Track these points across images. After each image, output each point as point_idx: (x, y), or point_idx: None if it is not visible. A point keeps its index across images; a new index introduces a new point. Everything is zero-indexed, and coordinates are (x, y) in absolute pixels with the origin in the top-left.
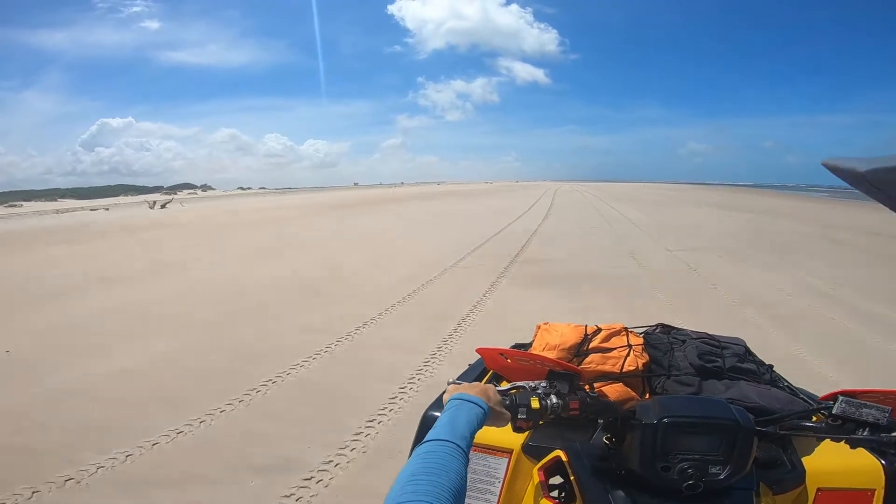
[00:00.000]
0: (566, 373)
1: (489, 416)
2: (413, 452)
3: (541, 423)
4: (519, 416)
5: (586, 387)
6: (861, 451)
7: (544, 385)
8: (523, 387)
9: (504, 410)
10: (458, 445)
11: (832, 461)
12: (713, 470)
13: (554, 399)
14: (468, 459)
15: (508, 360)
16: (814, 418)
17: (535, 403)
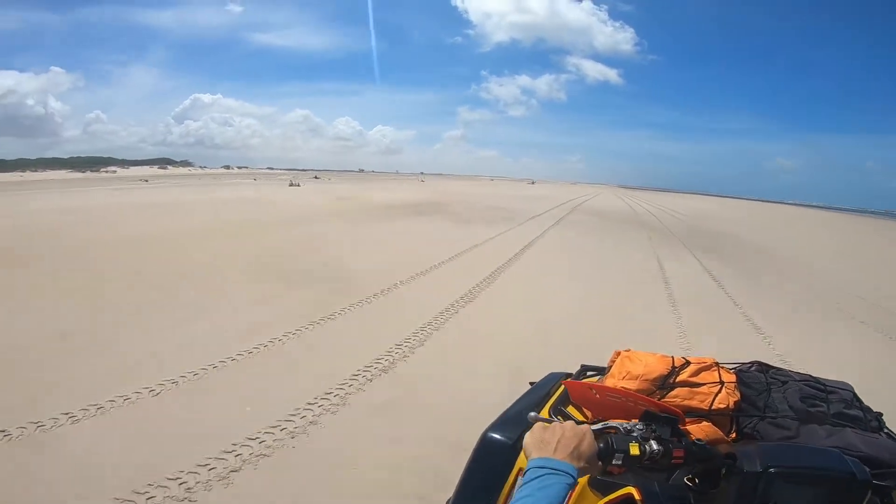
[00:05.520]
0: (666, 415)
1: (577, 479)
2: None
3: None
4: (614, 462)
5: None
6: None
7: (640, 427)
8: (616, 427)
9: (597, 461)
10: None
11: None
12: None
13: (654, 445)
14: None
15: (597, 395)
16: None
17: (634, 450)
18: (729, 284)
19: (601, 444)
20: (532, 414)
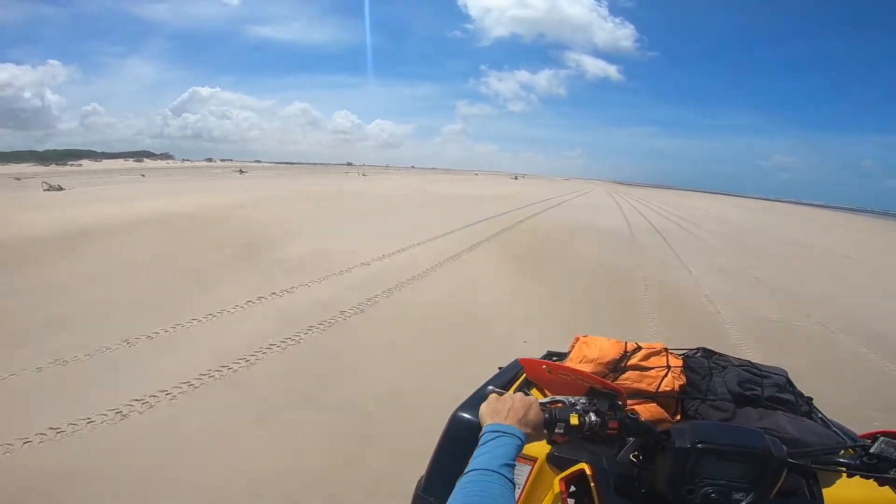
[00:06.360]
0: (607, 391)
1: (525, 443)
2: (457, 484)
3: (578, 438)
4: (556, 431)
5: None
6: (887, 489)
7: (584, 401)
8: (563, 401)
9: (542, 429)
10: (501, 475)
11: (854, 496)
12: (736, 496)
13: (593, 417)
14: (514, 485)
15: (550, 373)
16: (843, 452)
17: (573, 420)
18: None
19: (546, 415)
20: (490, 387)
